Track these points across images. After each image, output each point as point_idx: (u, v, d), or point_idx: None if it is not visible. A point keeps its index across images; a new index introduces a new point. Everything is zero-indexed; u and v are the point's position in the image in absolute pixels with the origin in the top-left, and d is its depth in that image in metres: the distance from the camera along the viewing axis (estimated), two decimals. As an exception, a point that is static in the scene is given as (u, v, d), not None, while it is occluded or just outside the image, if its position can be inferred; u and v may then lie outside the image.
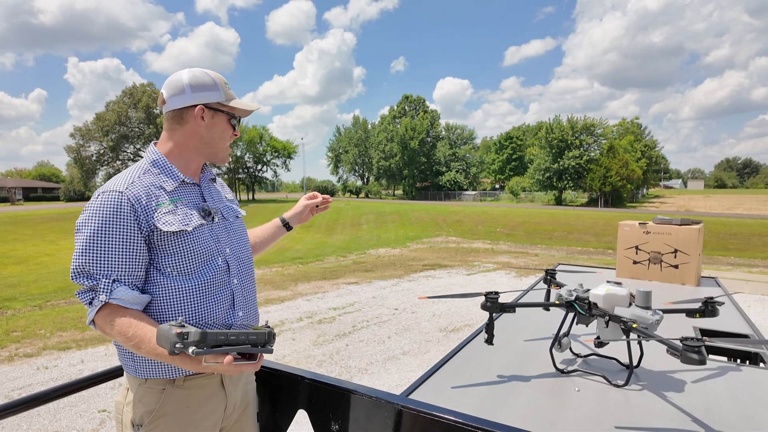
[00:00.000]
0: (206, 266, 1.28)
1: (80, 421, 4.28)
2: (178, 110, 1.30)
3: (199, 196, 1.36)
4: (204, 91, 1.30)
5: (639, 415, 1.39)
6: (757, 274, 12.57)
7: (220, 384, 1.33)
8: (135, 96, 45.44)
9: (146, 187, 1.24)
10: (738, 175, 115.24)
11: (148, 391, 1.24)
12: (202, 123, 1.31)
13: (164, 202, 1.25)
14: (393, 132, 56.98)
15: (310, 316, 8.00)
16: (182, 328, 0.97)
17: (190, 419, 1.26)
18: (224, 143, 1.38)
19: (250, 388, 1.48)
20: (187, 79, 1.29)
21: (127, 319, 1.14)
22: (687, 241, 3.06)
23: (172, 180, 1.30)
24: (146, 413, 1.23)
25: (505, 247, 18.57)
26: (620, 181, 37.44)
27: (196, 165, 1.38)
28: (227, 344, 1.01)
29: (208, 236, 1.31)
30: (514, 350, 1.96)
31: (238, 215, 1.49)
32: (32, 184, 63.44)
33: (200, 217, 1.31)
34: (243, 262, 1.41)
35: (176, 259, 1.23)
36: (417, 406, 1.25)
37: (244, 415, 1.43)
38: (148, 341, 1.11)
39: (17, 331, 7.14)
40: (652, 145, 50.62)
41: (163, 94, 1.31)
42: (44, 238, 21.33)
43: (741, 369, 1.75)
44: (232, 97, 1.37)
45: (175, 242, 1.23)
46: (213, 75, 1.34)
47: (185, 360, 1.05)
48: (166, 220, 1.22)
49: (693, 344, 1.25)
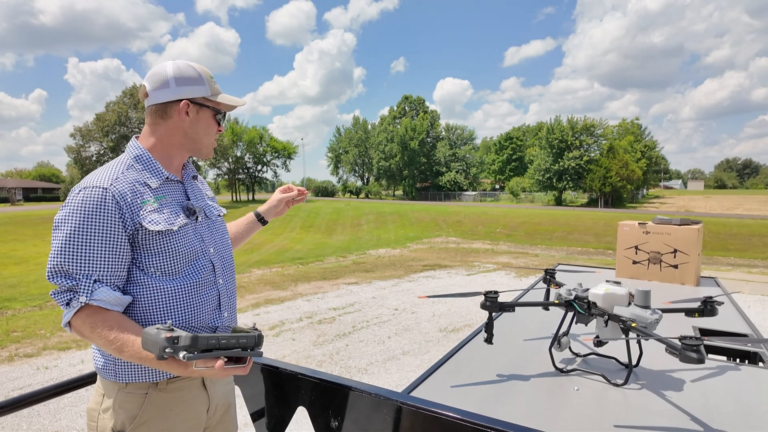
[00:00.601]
0: (191, 266, 1.25)
1: (80, 421, 4.29)
2: (161, 104, 1.24)
3: (183, 194, 1.32)
4: (189, 85, 1.25)
5: (638, 414, 1.40)
6: (756, 274, 12.57)
7: (202, 385, 1.30)
8: (135, 96, 45.40)
9: (131, 183, 1.18)
10: (738, 176, 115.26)
11: (129, 396, 1.19)
12: (186, 118, 1.26)
13: (149, 200, 1.19)
14: (393, 132, 56.99)
15: (310, 316, 8.00)
16: (172, 332, 0.94)
17: (174, 422, 1.23)
18: (209, 139, 1.34)
19: (230, 389, 1.46)
20: (171, 72, 1.24)
21: (109, 322, 1.09)
22: (686, 241, 3.06)
23: (156, 177, 1.25)
24: (128, 419, 1.18)
25: (505, 247, 18.57)
26: (620, 182, 37.44)
27: (179, 161, 1.33)
28: (218, 348, 0.99)
29: (193, 236, 1.27)
30: (514, 349, 1.96)
31: (220, 214, 1.45)
32: (32, 184, 63.44)
33: (185, 216, 1.27)
34: (226, 261, 1.39)
35: (161, 259, 1.19)
36: (416, 402, 1.25)
37: (226, 415, 1.41)
38: (132, 344, 1.06)
39: (17, 332, 7.15)
40: (652, 145, 50.61)
41: (146, 86, 1.25)
42: (44, 238, 21.33)
43: (740, 368, 1.76)
44: (217, 91, 1.31)
45: (160, 242, 1.19)
46: (198, 68, 1.28)
47: (173, 364, 1.01)
48: (152, 218, 1.18)
49: (692, 343, 1.25)
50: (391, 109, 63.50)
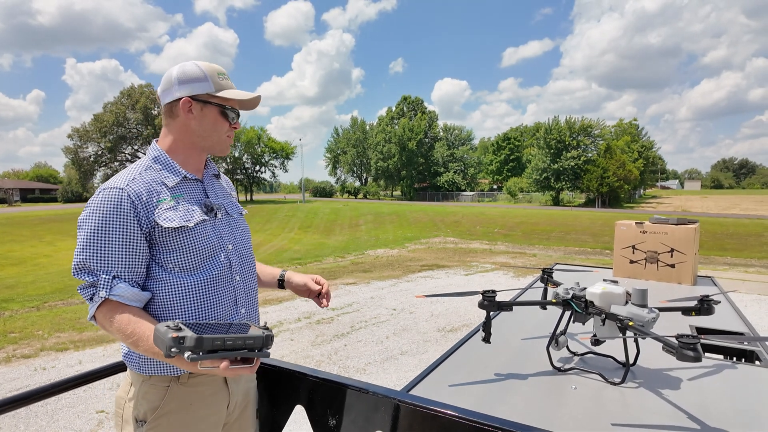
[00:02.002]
0: (208, 262, 1.28)
1: (78, 422, 4.27)
2: (168, 104, 1.30)
3: (202, 192, 1.36)
4: (190, 83, 1.28)
5: (635, 412, 1.40)
6: (753, 273, 12.61)
7: (224, 382, 1.33)
8: (133, 97, 45.34)
9: (147, 183, 1.24)
10: (734, 176, 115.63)
11: (152, 388, 1.23)
12: (191, 116, 1.30)
13: (165, 198, 1.24)
14: (391, 133, 56.99)
15: (308, 316, 8.00)
16: (179, 331, 0.95)
17: (194, 416, 1.26)
18: (219, 135, 1.35)
19: (251, 386, 1.49)
20: (175, 73, 1.29)
21: (126, 316, 1.14)
22: (683, 241, 3.08)
23: (173, 175, 1.29)
24: (150, 410, 1.22)
25: (503, 247, 18.59)
26: (617, 182, 37.53)
27: (196, 159, 1.37)
28: (223, 349, 1.00)
29: (211, 232, 1.30)
30: (512, 349, 1.97)
31: (241, 212, 1.49)
32: (30, 185, 63.25)
33: (202, 213, 1.30)
34: (245, 258, 1.41)
35: (178, 255, 1.23)
36: (414, 400, 1.25)
37: (245, 412, 1.44)
38: (146, 339, 1.10)
39: (15, 333, 7.12)
40: (649, 145, 50.77)
41: (158, 90, 1.34)
42: (42, 239, 21.26)
43: (737, 367, 1.76)
44: (223, 87, 1.33)
45: (176, 238, 1.23)
46: (204, 66, 1.31)
47: (182, 361, 1.03)
48: (167, 216, 1.22)
49: (689, 341, 1.26)
50: (389, 110, 63.54)
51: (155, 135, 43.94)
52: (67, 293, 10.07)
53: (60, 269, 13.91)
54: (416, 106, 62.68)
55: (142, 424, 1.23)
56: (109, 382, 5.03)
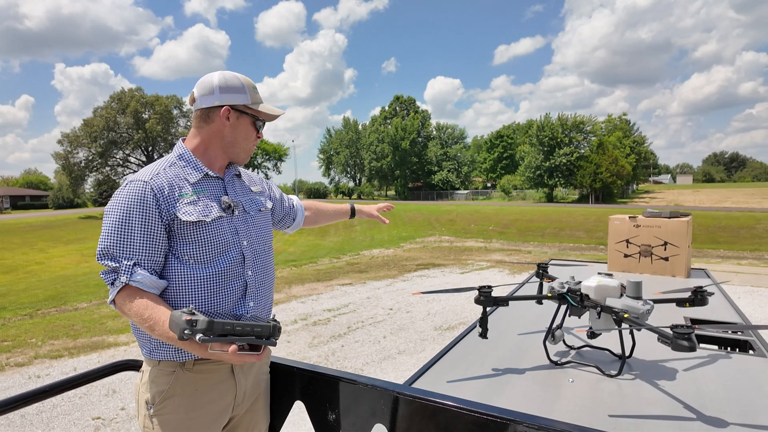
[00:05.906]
0: (222, 256, 1.33)
1: (74, 430, 4.24)
2: (205, 109, 1.37)
3: (222, 190, 1.42)
4: (231, 93, 1.37)
5: (632, 403, 1.41)
6: (746, 266, 12.75)
7: (230, 371, 1.36)
8: (123, 101, 44.91)
9: (170, 178, 1.31)
10: (725, 169, 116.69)
11: (160, 373, 1.31)
12: (227, 123, 1.38)
13: (187, 193, 1.31)
14: (384, 133, 56.98)
15: (304, 318, 7.98)
16: (192, 315, 1.03)
17: (198, 401, 1.31)
18: (247, 144, 1.45)
19: (263, 380, 1.51)
20: (217, 80, 1.37)
21: (144, 302, 1.21)
22: (676, 234, 3.10)
23: (196, 172, 1.37)
24: (157, 393, 1.29)
25: (497, 245, 18.66)
26: (610, 178, 37.75)
27: (220, 163, 1.44)
28: (233, 334, 1.07)
29: (227, 228, 1.36)
30: (509, 344, 1.97)
31: (261, 208, 1.52)
32: (20, 192, 62.60)
33: (220, 210, 1.36)
34: (259, 254, 1.45)
35: (194, 248, 1.29)
36: (413, 392, 1.25)
37: (255, 405, 1.47)
38: (162, 324, 1.17)
39: (8, 341, 7.05)
40: (641, 141, 51.07)
41: (194, 92, 1.39)
42: (33, 246, 21.07)
43: (731, 356, 1.78)
44: (258, 101, 1.44)
45: (193, 232, 1.29)
46: (242, 78, 1.41)
47: (193, 345, 1.12)
48: (187, 210, 1.29)
49: (683, 332, 1.27)
50: (382, 110, 63.48)
51: (146, 139, 43.62)
52: (60, 300, 9.98)
53: (52, 276, 13.79)
54: (409, 105, 62.71)
55: (150, 406, 1.30)
56: (105, 388, 4.99)
